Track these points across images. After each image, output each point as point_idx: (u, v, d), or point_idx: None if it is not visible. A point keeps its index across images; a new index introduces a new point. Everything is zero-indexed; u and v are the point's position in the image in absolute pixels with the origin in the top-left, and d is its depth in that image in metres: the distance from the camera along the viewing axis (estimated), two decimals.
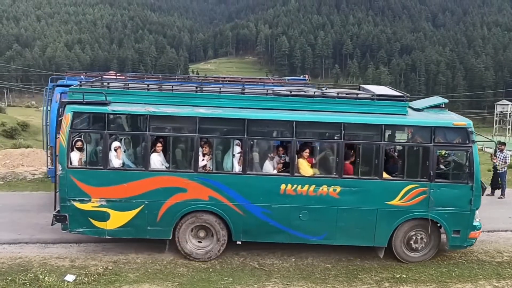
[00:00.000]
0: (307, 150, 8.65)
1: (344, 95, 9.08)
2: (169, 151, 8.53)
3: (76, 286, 7.54)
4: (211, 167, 8.54)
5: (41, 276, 7.65)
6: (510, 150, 17.04)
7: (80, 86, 8.80)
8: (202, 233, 8.78)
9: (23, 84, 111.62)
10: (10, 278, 7.64)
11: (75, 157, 8.42)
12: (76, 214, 8.38)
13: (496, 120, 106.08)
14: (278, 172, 8.68)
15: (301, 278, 8.05)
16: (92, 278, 7.77)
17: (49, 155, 11.56)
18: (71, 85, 11.20)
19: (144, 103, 8.44)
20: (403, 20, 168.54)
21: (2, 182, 13.87)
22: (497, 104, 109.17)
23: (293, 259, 8.74)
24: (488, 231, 10.38)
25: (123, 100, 8.47)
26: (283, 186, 8.47)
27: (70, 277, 7.76)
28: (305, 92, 9.16)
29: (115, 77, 12.73)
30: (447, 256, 9.02)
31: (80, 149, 8.46)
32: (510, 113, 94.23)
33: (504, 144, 13.78)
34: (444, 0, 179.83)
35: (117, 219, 8.47)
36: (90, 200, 8.37)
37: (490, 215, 11.68)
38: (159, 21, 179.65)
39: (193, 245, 8.74)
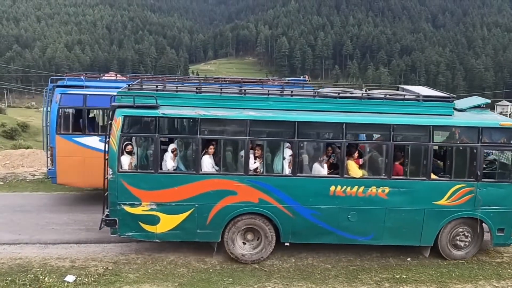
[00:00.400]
0: (356, 152, 8.72)
1: (391, 96, 9.15)
2: (220, 154, 8.47)
3: (77, 287, 7.54)
4: (262, 169, 8.53)
5: (41, 277, 7.64)
6: None
7: (129, 89, 8.69)
8: (249, 236, 8.73)
9: (23, 85, 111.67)
10: (10, 278, 7.63)
11: (125, 161, 8.35)
12: (126, 218, 8.33)
13: None
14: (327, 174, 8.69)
15: (301, 278, 8.04)
16: (92, 279, 7.77)
17: (49, 155, 11.57)
18: (71, 86, 11.31)
19: (193, 106, 8.41)
20: (403, 21, 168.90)
21: (2, 183, 13.88)
22: (497, 105, 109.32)
23: (293, 260, 8.74)
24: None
25: (171, 103, 8.41)
26: (332, 188, 8.49)
27: (70, 278, 7.75)
28: (352, 93, 9.20)
29: (115, 78, 12.77)
30: None
31: (130, 153, 8.41)
32: (510, 114, 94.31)
33: None
34: (444, 1, 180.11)
35: (167, 223, 8.43)
36: (140, 204, 8.32)
37: None
38: (159, 22, 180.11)
39: (241, 248, 8.71)
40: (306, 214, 8.54)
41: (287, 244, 8.72)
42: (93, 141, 11.06)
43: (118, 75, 13.01)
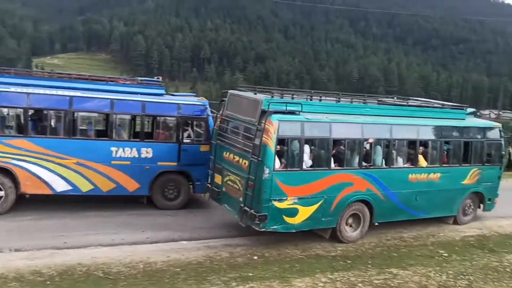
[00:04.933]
0: (422, 148, 11.18)
1: (431, 105, 12.86)
2: (344, 151, 10.07)
3: None
4: (371, 163, 10.41)
5: None
6: None
7: (272, 97, 9.87)
8: (350, 220, 10.44)
9: None
10: None
11: (277, 161, 9.15)
12: (274, 213, 9.22)
13: None
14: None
15: (150, 284, 7.83)
16: None
17: None
18: None
19: (323, 112, 9.90)
20: (258, 30, 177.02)
21: None
22: None
23: (141, 266, 8.47)
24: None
25: (307, 110, 9.65)
26: (410, 176, 10.98)
27: None
28: (407, 103, 12.62)
29: None
30: (290, 253, 9.63)
31: (280, 153, 9.25)
32: None
33: None
34: (294, 15, 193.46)
35: (303, 214, 9.57)
36: (286, 199, 9.30)
37: None
38: None
39: (347, 230, 10.44)
40: (393, 198, 10.73)
41: (376, 224, 10.75)
42: None
43: None
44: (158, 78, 12.92)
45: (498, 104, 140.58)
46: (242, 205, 9.40)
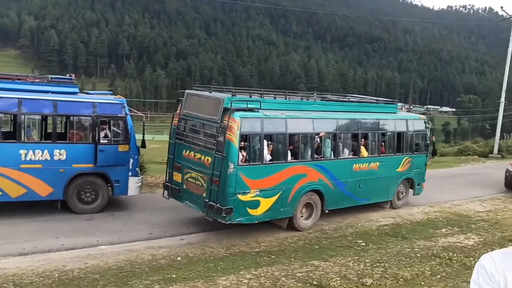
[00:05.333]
0: (363, 140, 12.20)
1: (369, 100, 14.44)
2: (298, 145, 10.78)
3: None
4: (322, 155, 11.24)
5: None
6: None
7: (234, 96, 10.17)
8: (304, 209, 11.14)
9: None
10: None
11: (240, 156, 9.63)
12: (239, 206, 9.69)
13: None
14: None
15: None
16: None
17: None
18: None
19: (278, 109, 10.52)
20: (178, 25, 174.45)
21: None
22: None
23: (57, 275, 7.99)
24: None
25: (265, 107, 10.22)
26: (354, 165, 11.95)
27: None
28: (349, 99, 13.94)
29: None
30: (214, 252, 9.59)
31: (243, 149, 9.74)
32: None
33: None
34: (215, 11, 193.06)
35: (264, 205, 10.12)
36: (249, 192, 9.81)
37: None
38: None
39: (302, 219, 11.15)
40: (341, 186, 11.66)
41: (327, 211, 11.53)
42: None
43: None
44: (70, 76, 12.24)
45: (409, 98, 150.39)
46: (207, 200, 9.79)
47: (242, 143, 9.76)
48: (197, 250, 9.60)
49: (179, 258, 9.12)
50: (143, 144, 12.64)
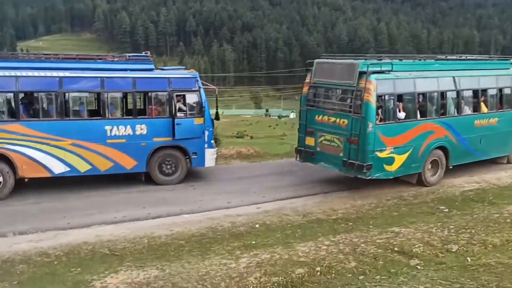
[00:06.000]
0: (483, 96, 12.58)
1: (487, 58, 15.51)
2: (425, 103, 11.45)
3: None
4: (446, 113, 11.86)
5: None
6: None
7: (365, 60, 11.38)
8: (429, 165, 11.75)
9: None
10: None
11: (376, 116, 10.46)
12: (377, 162, 10.56)
13: None
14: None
15: (155, 258, 7.89)
16: None
17: None
18: None
19: (406, 71, 11.29)
20: None
21: None
22: None
23: (146, 241, 8.53)
24: (325, 192, 11.64)
25: (397, 69, 10.98)
26: (475, 121, 12.48)
27: None
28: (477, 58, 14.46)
29: None
30: (291, 219, 9.72)
31: (378, 109, 10.49)
32: None
33: None
34: None
35: (398, 162, 10.95)
36: (385, 149, 10.67)
37: (326, 177, 13.01)
38: None
39: (429, 175, 11.81)
40: (464, 142, 12.18)
41: (451, 167, 12.11)
42: None
43: None
44: (146, 53, 12.71)
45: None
46: (346, 159, 10.75)
47: (378, 103, 10.49)
48: (274, 218, 9.78)
49: (257, 226, 9.35)
50: (217, 117, 12.95)
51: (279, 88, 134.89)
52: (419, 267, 7.15)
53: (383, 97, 10.68)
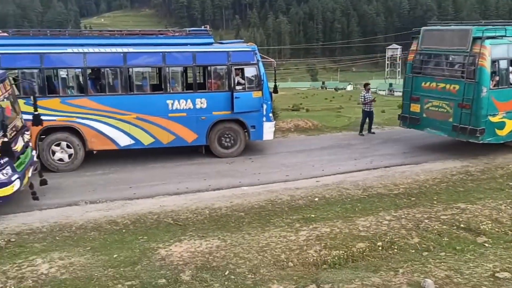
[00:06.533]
0: None
1: None
2: None
3: None
4: None
5: None
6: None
7: (479, 25, 11.55)
8: None
9: None
10: None
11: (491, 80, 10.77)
12: (489, 127, 10.89)
13: (387, 64, 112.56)
14: None
15: (216, 228, 8.12)
16: None
17: None
18: None
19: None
20: None
21: None
22: (387, 49, 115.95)
23: (207, 212, 8.78)
24: (385, 167, 11.35)
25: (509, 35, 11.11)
26: None
27: None
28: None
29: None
30: (350, 193, 9.62)
31: (492, 73, 10.72)
32: (399, 57, 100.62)
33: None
34: None
35: (509, 127, 11.20)
36: (497, 114, 10.95)
37: (386, 152, 12.71)
38: None
39: None
40: None
41: None
42: None
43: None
44: (205, 27, 12.80)
45: None
46: (457, 124, 11.08)
47: (492, 68, 10.68)
48: (333, 192, 9.71)
49: (316, 199, 9.34)
50: (275, 90, 12.90)
51: (336, 60, 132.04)
52: (487, 244, 6.89)
53: (497, 62, 10.84)
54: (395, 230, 7.52)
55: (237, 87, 11.86)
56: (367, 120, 14.92)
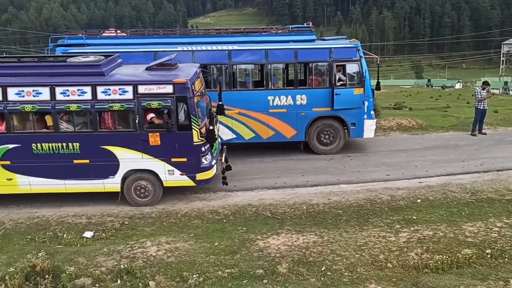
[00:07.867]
0: None
1: None
2: None
3: (95, 242, 7.72)
4: None
5: (59, 234, 7.84)
6: None
7: None
8: None
9: (21, 47, 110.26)
10: (29, 236, 7.83)
11: None
12: None
13: (503, 60, 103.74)
14: None
15: (313, 224, 8.17)
16: (110, 233, 7.95)
17: None
18: (72, 45, 11.18)
19: None
20: None
21: None
22: (503, 44, 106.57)
23: (305, 207, 8.85)
24: (498, 170, 10.53)
25: None
26: None
27: (88, 234, 7.94)
28: None
29: (115, 34, 12.53)
30: (457, 196, 9.09)
31: None
32: None
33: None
34: None
35: None
36: None
37: (499, 154, 11.78)
38: None
39: None
40: None
41: None
42: None
43: (118, 32, 12.74)
44: (308, 24, 12.85)
45: None
46: None
47: None
48: (437, 194, 9.25)
49: (418, 201, 8.97)
50: (378, 87, 12.56)
51: (444, 56, 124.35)
52: None
53: None
54: (507, 238, 7.02)
55: (338, 84, 11.74)
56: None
